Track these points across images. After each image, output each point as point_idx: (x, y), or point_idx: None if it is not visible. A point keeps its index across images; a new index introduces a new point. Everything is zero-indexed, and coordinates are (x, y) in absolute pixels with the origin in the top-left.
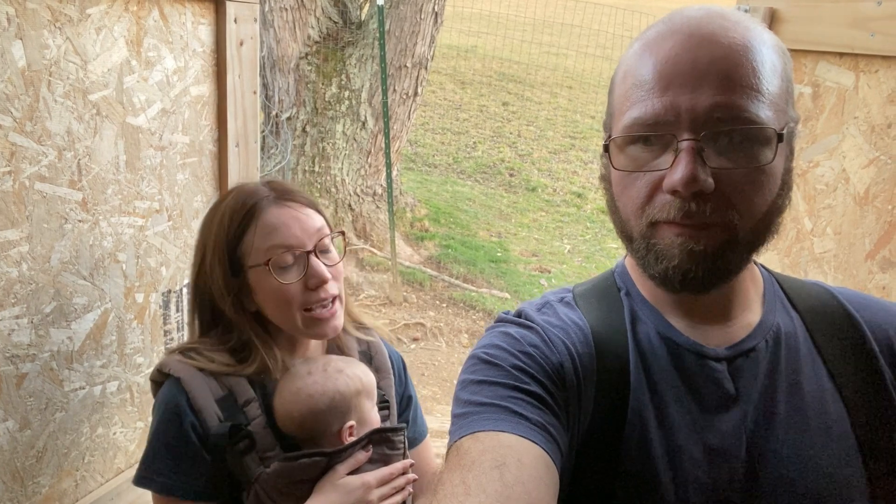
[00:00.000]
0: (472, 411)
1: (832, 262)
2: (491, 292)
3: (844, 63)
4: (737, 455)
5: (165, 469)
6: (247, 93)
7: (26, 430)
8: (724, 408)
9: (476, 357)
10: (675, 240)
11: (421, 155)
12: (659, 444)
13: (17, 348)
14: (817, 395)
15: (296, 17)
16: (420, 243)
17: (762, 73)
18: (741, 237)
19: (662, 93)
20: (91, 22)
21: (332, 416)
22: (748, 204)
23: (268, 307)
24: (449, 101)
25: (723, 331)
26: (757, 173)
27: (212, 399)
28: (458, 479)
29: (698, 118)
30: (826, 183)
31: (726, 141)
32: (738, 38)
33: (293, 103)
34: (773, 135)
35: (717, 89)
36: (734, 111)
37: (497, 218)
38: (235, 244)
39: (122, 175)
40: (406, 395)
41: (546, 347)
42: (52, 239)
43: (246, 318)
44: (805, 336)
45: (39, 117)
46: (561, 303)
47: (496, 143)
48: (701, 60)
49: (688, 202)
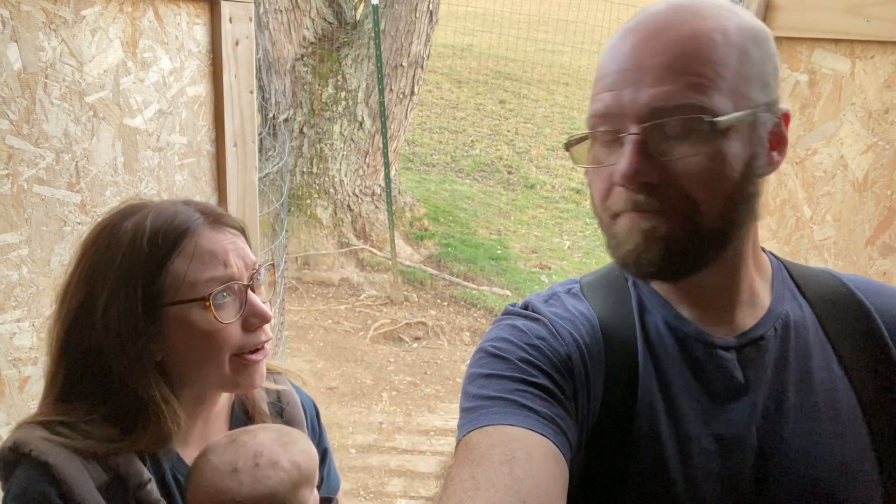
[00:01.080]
0: (481, 405)
1: (832, 249)
2: (492, 290)
3: (840, 49)
4: (747, 444)
5: None
6: (243, 92)
7: None
8: (733, 397)
9: (483, 350)
10: (630, 227)
11: (419, 154)
12: (669, 434)
13: (19, 351)
14: (827, 384)
15: (291, 18)
16: (420, 242)
17: (710, 59)
18: (697, 224)
19: (611, 88)
20: (86, 23)
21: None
22: (704, 192)
23: (187, 354)
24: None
25: (731, 319)
26: (709, 161)
27: (93, 488)
28: (468, 474)
29: (640, 111)
30: (824, 170)
31: (669, 131)
32: (686, 29)
33: (290, 105)
34: (707, 123)
35: (655, 81)
36: (671, 101)
37: (496, 216)
38: (154, 276)
39: (120, 176)
40: (321, 447)
41: (553, 339)
42: (51, 241)
43: (149, 372)
44: (815, 324)
45: (36, 120)
46: (568, 294)
47: (494, 141)
48: (644, 55)
49: (636, 194)
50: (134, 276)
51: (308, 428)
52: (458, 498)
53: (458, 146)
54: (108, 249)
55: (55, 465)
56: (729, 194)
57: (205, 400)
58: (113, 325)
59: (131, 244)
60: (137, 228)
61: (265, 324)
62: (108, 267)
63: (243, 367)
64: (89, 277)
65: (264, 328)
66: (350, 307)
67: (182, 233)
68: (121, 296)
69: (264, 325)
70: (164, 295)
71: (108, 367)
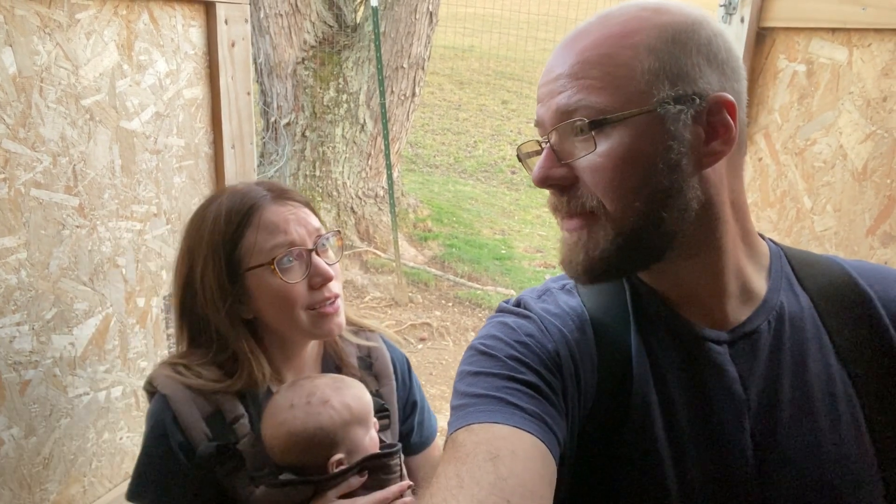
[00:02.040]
0: (468, 403)
1: (833, 240)
2: (496, 290)
3: (837, 38)
4: (740, 439)
5: (154, 486)
6: (241, 94)
7: (32, 437)
8: (726, 392)
9: (474, 348)
10: (563, 234)
11: (422, 156)
12: (662, 428)
13: (20, 355)
14: (823, 377)
15: (291, 22)
16: (423, 244)
17: (603, 62)
18: (618, 224)
19: (539, 101)
20: (81, 27)
21: (314, 453)
22: (613, 190)
23: (269, 311)
24: (448, 102)
25: (723, 312)
26: (604, 159)
27: (200, 418)
28: (453, 472)
29: (549, 120)
30: (824, 160)
31: (569, 135)
32: (591, 38)
33: (291, 109)
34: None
35: (560, 89)
36: (569, 106)
37: (500, 216)
38: (233, 247)
39: (118, 179)
40: (411, 399)
41: (542, 336)
42: (50, 245)
43: (239, 328)
44: (812, 315)
45: (32, 123)
46: (562, 290)
47: (497, 141)
48: (555, 67)
49: (554, 195)
50: (217, 249)
51: (398, 381)
52: (441, 496)
53: (461, 147)
54: (199, 229)
55: (171, 397)
56: (636, 192)
57: (292, 349)
58: (208, 291)
59: (214, 222)
60: (218, 209)
61: (328, 282)
62: (199, 244)
63: (319, 319)
64: (188, 254)
65: (328, 286)
66: (355, 309)
67: (250, 208)
68: (210, 267)
69: (327, 283)
70: (241, 263)
71: (208, 324)
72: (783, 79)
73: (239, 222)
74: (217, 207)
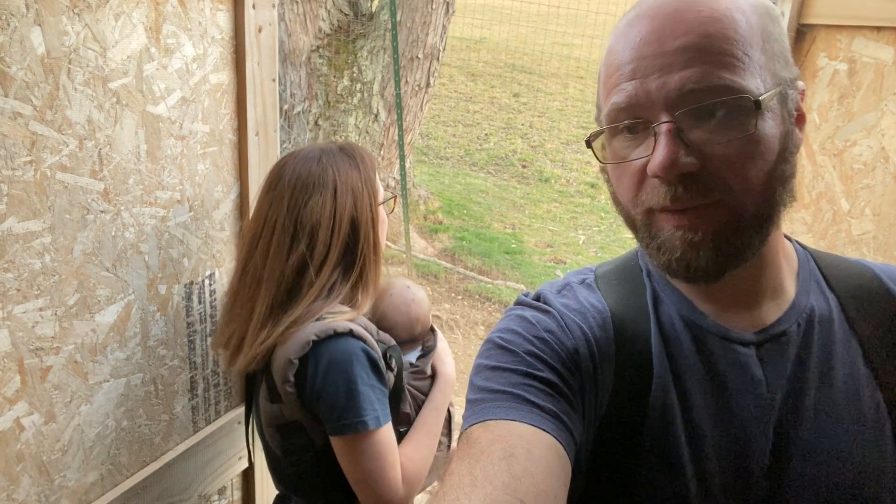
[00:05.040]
0: (485, 398)
1: (871, 244)
2: (506, 284)
3: (882, 37)
4: (762, 444)
5: (370, 406)
6: (266, 80)
7: (52, 423)
8: (750, 394)
9: (491, 342)
10: (674, 232)
11: (433, 147)
12: (682, 431)
13: (42, 341)
14: (851, 383)
15: (306, 9)
16: (434, 236)
17: (737, 39)
18: (741, 213)
19: (632, 77)
20: (110, 8)
21: (424, 320)
22: (742, 177)
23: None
24: (460, 94)
25: (751, 313)
26: (746, 143)
27: (373, 339)
28: (466, 470)
29: (670, 97)
30: (864, 162)
31: (704, 116)
32: (705, 10)
33: (305, 97)
34: (749, 102)
35: (685, 64)
36: (707, 83)
37: (511, 209)
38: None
39: (143, 165)
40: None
41: (561, 332)
42: (74, 230)
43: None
44: (841, 319)
45: (60, 106)
46: (582, 285)
47: (508, 134)
48: (667, 38)
49: (674, 186)
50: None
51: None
52: (454, 493)
53: (472, 139)
54: (348, 169)
55: (355, 330)
56: (769, 177)
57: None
58: (367, 213)
59: (353, 163)
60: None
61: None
62: (357, 179)
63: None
64: (349, 191)
65: None
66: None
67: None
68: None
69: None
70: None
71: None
72: (823, 77)
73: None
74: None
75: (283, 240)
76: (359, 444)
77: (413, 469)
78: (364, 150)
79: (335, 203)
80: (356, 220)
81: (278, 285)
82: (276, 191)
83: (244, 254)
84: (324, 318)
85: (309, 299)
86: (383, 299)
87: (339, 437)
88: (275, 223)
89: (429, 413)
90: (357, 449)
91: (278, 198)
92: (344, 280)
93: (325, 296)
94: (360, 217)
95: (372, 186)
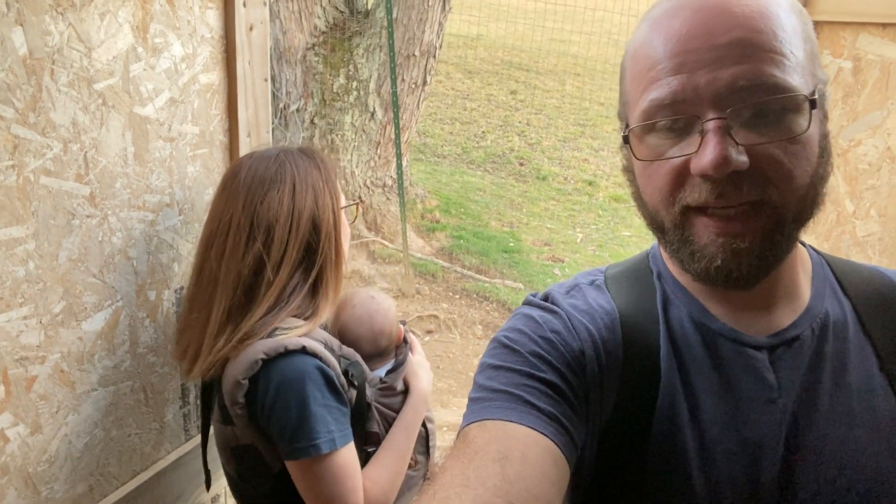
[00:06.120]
0: (485, 397)
1: (877, 246)
2: (504, 283)
3: (888, 34)
4: (773, 450)
5: (325, 428)
6: (257, 80)
7: (38, 434)
8: (762, 400)
9: (497, 340)
10: (714, 238)
11: (430, 146)
12: (691, 437)
13: (26, 350)
14: (864, 389)
15: (301, 7)
16: (431, 234)
17: (784, 37)
18: (784, 215)
19: (677, 71)
20: (94, 7)
21: (390, 332)
22: (788, 178)
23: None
24: (456, 91)
25: (765, 317)
26: (793, 144)
27: (330, 355)
28: (459, 470)
29: (720, 93)
30: (869, 162)
31: (755, 114)
32: (751, 4)
33: (301, 95)
34: (804, 101)
35: (737, 59)
36: (760, 81)
37: (508, 208)
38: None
39: (130, 168)
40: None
41: (568, 334)
42: (59, 235)
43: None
44: (855, 325)
45: (43, 108)
46: (591, 286)
47: (505, 132)
48: (716, 32)
49: (721, 184)
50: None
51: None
52: (445, 493)
53: (469, 137)
54: (313, 171)
55: (309, 346)
56: (811, 178)
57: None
58: (331, 226)
59: (324, 161)
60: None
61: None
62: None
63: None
64: (310, 190)
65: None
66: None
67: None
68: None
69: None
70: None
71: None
72: (827, 75)
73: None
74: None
75: (238, 239)
76: (314, 468)
77: (377, 493)
78: (325, 153)
79: (293, 200)
80: (317, 218)
81: (234, 287)
82: (232, 188)
83: (199, 256)
84: (274, 335)
85: (268, 301)
86: (345, 311)
87: (293, 462)
88: (230, 221)
89: (398, 432)
90: (312, 474)
91: (233, 195)
92: (303, 283)
93: (285, 301)
94: (322, 216)
95: (333, 188)
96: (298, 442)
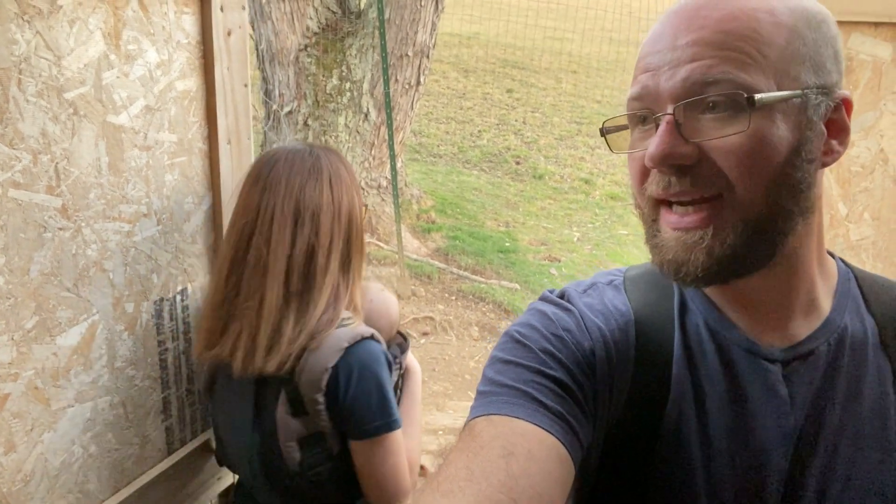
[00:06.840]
0: (494, 391)
1: (870, 250)
2: (500, 283)
3: (880, 33)
4: (780, 465)
5: (396, 406)
6: (237, 86)
7: (12, 453)
8: (772, 413)
9: (509, 334)
10: (671, 232)
11: (425, 145)
12: (697, 446)
13: None
14: (878, 407)
15: (294, 8)
16: (427, 235)
17: (753, 37)
18: (743, 213)
19: (646, 70)
20: (63, 14)
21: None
22: (743, 174)
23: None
24: (452, 90)
25: (781, 327)
26: (745, 140)
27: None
28: (464, 463)
29: (675, 90)
30: (862, 164)
31: (707, 109)
32: (728, 8)
33: (293, 97)
34: (742, 98)
35: (693, 57)
36: (710, 77)
37: (504, 207)
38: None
39: (104, 178)
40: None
41: (580, 332)
42: (30, 249)
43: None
44: (876, 343)
45: (10, 119)
46: (609, 286)
47: (501, 130)
48: (681, 34)
49: (667, 176)
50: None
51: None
52: (449, 485)
53: (465, 136)
54: (345, 175)
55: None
56: (771, 179)
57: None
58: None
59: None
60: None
61: None
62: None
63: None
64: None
65: None
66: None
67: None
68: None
69: None
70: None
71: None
72: None
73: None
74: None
75: (283, 225)
76: (387, 443)
77: (414, 461)
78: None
79: (332, 192)
80: (352, 212)
81: (287, 273)
82: (269, 179)
83: (233, 247)
84: (345, 324)
85: (329, 288)
86: (364, 304)
87: (367, 441)
88: (273, 210)
89: (413, 407)
90: (385, 448)
91: (272, 184)
92: (344, 280)
93: (345, 292)
94: (353, 212)
95: (357, 186)
96: (377, 420)
